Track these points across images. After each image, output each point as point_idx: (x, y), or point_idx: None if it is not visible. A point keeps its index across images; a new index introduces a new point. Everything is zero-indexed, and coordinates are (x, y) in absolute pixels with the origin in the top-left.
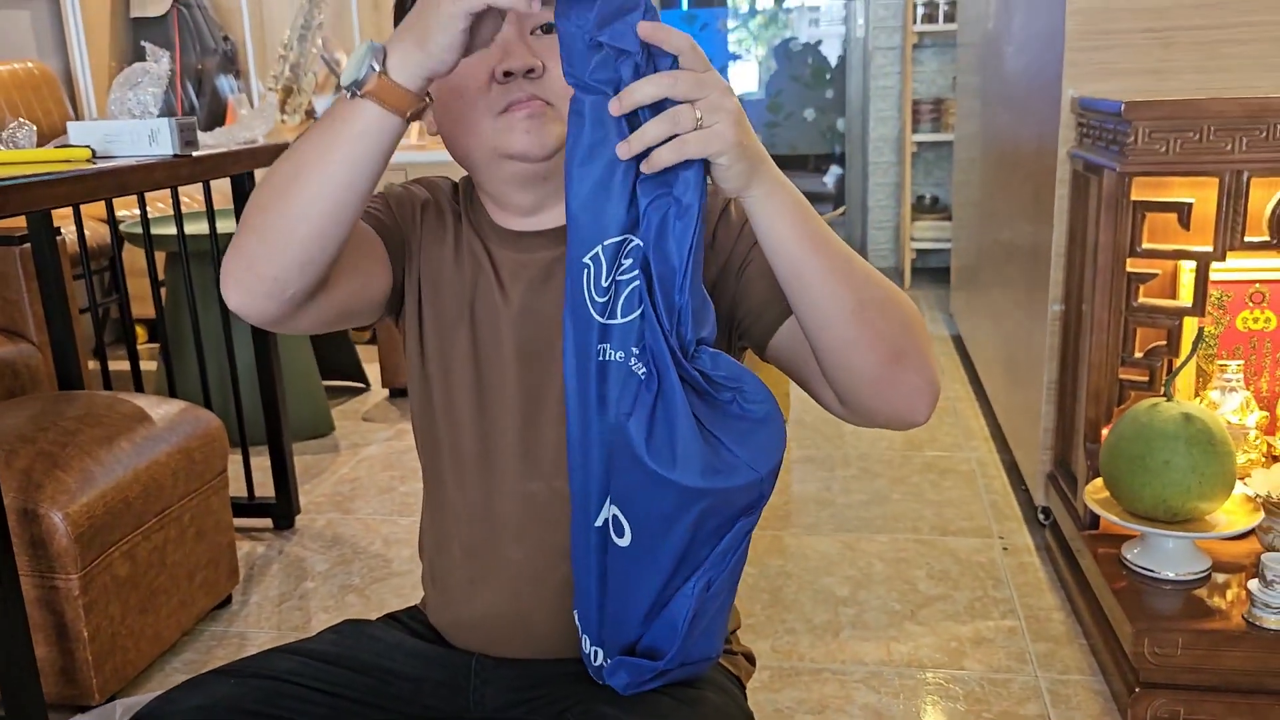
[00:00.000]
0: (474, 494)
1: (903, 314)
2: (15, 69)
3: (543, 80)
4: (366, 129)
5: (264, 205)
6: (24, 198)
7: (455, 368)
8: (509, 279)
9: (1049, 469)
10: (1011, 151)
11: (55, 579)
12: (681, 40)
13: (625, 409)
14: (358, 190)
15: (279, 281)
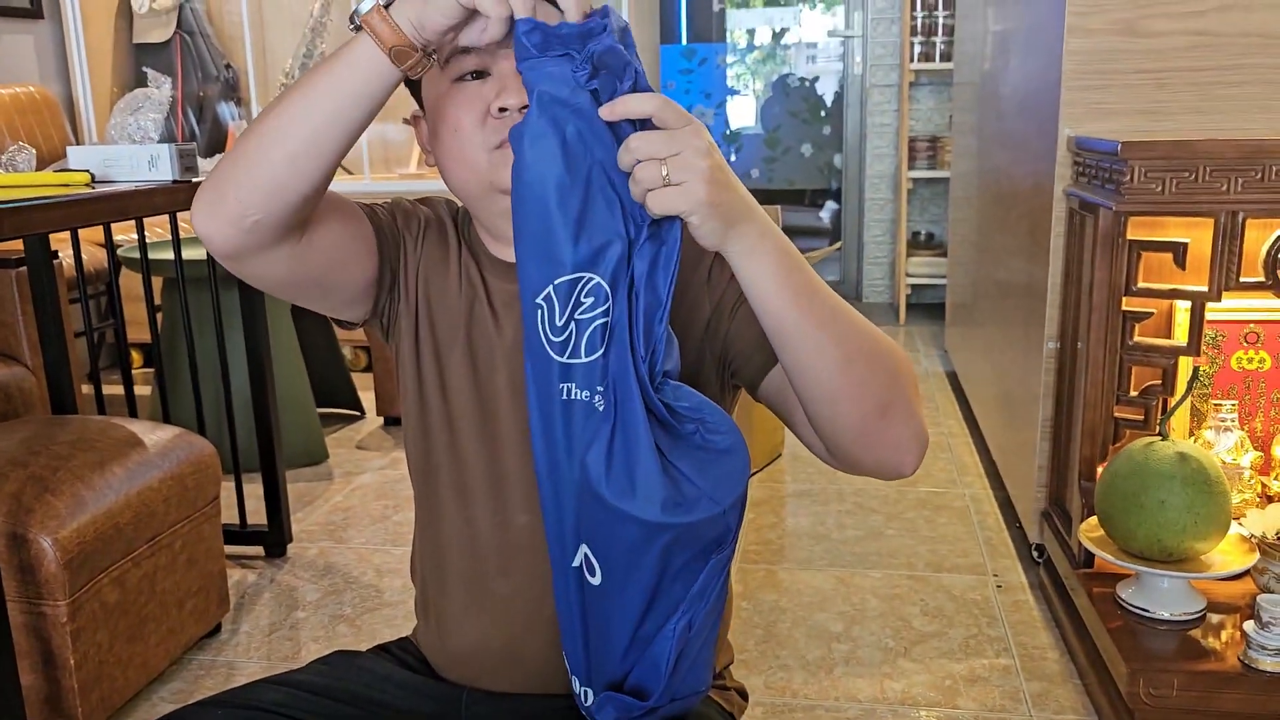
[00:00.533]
0: (467, 523)
1: (891, 367)
2: (17, 93)
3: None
4: (355, 61)
5: (250, 131)
6: (21, 221)
7: (451, 394)
8: (502, 310)
9: (1043, 506)
10: (1007, 189)
11: (43, 605)
12: (647, 104)
13: (585, 442)
14: (338, 125)
15: (243, 204)
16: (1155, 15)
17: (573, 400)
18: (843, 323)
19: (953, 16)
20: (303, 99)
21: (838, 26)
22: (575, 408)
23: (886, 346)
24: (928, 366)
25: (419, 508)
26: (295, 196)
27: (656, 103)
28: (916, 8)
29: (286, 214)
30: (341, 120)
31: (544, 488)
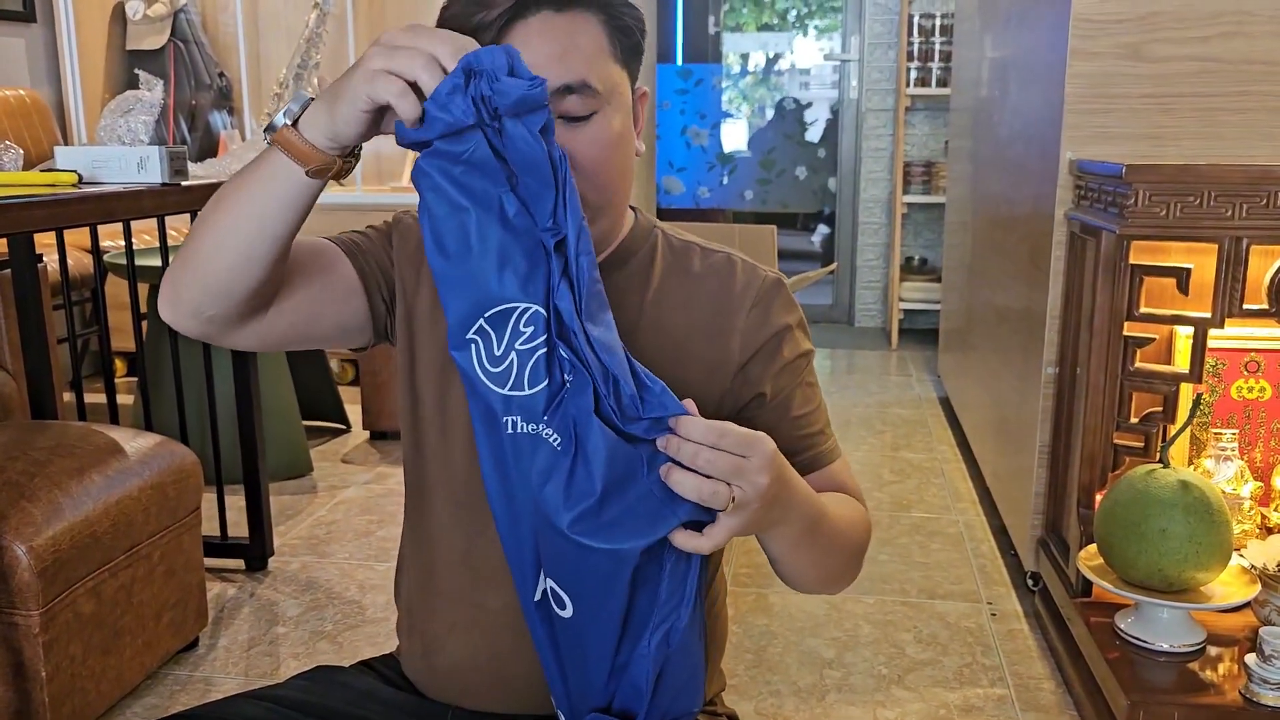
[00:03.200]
0: (459, 539)
1: (854, 564)
2: (7, 95)
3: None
4: (274, 174)
5: (193, 234)
6: (5, 219)
7: (450, 413)
8: None
9: (1040, 534)
10: (1006, 214)
11: (15, 615)
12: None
13: (541, 475)
14: (269, 234)
15: (197, 304)
16: (1160, 40)
17: (519, 434)
18: (832, 558)
19: (949, 43)
20: (232, 213)
21: (834, 50)
22: (522, 441)
23: (857, 551)
24: (920, 392)
25: (410, 521)
26: (243, 293)
27: (715, 433)
28: (913, 34)
29: (239, 307)
30: (271, 228)
31: (500, 521)
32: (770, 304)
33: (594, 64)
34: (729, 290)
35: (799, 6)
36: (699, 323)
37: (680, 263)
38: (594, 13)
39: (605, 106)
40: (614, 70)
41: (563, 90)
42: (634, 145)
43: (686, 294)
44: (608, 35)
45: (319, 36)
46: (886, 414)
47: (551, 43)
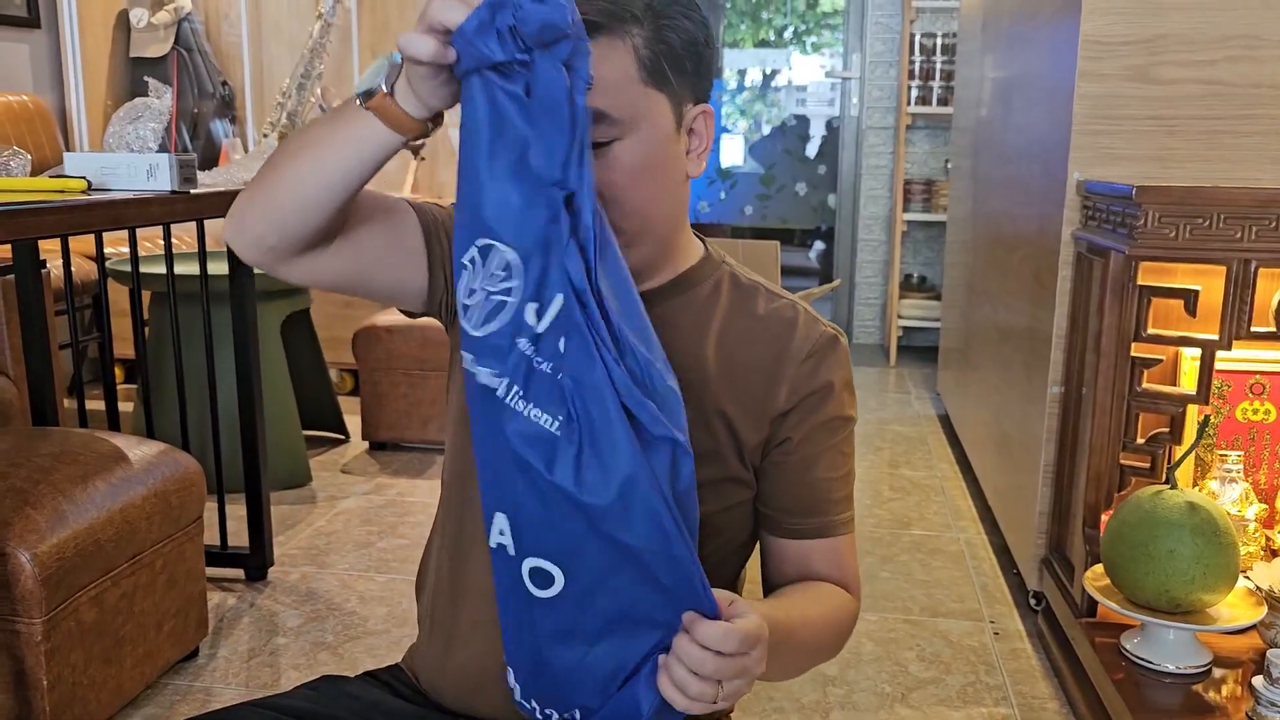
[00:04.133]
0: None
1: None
2: (10, 101)
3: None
4: (362, 137)
5: (268, 172)
6: (15, 225)
7: None
8: None
9: (1043, 553)
10: (1009, 233)
11: (17, 622)
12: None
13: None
14: (344, 185)
15: (260, 235)
16: (1167, 63)
17: (470, 373)
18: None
19: (950, 62)
20: (313, 162)
21: (835, 68)
22: (472, 383)
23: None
24: (919, 409)
25: (443, 518)
26: (306, 231)
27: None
28: (915, 52)
29: (299, 243)
30: (347, 181)
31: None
32: (824, 359)
33: (613, 92)
34: (789, 337)
35: (796, 23)
36: (756, 364)
37: (746, 302)
38: (626, 38)
39: (630, 134)
40: (642, 95)
41: None
42: (672, 170)
43: (750, 333)
44: (638, 60)
45: (322, 46)
46: (885, 431)
47: None
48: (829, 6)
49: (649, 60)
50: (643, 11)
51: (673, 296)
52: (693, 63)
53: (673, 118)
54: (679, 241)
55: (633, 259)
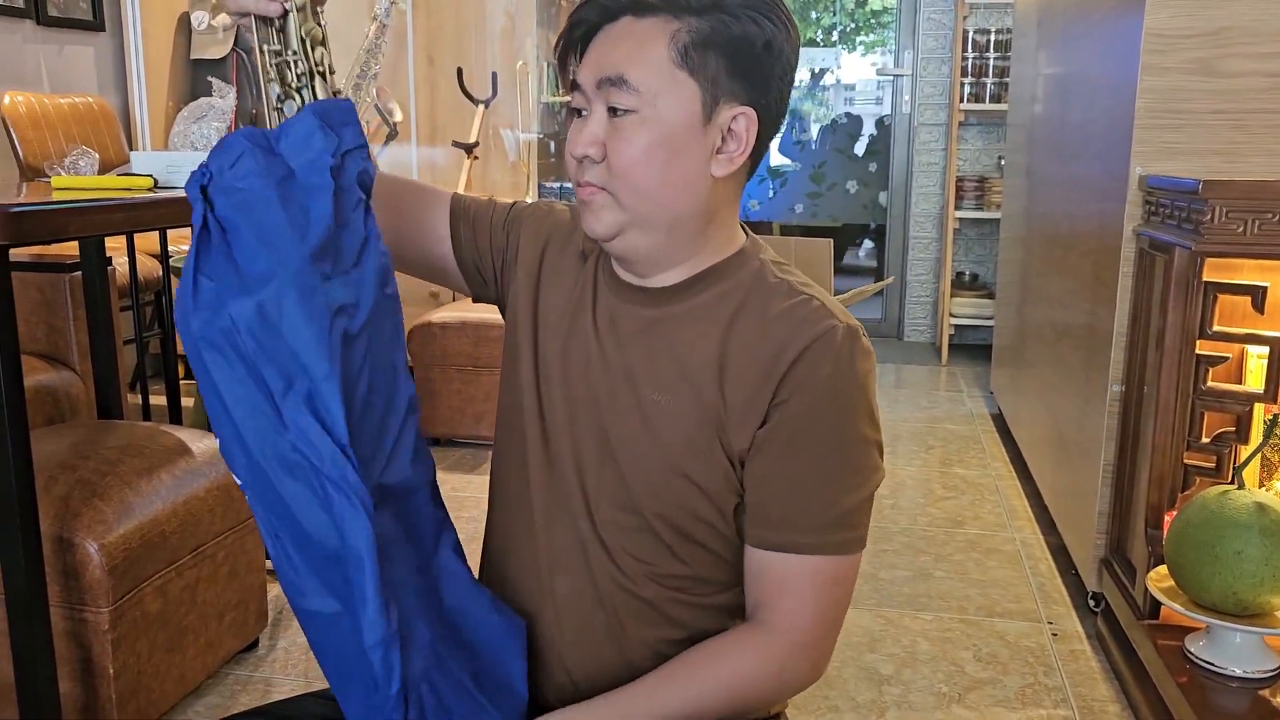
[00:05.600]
0: (536, 520)
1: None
2: (76, 102)
3: (599, 166)
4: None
5: None
6: (85, 221)
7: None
8: (603, 325)
9: (1103, 554)
10: (1067, 230)
11: (85, 611)
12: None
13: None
14: None
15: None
16: (1232, 55)
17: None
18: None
19: (1004, 58)
20: None
21: (886, 65)
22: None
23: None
24: (971, 408)
25: (490, 513)
26: None
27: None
28: (968, 49)
29: None
30: None
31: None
32: (819, 355)
33: (641, 64)
34: (791, 335)
35: (845, 22)
36: (755, 364)
37: (764, 300)
38: (672, 19)
39: (649, 109)
40: (668, 74)
41: (603, 82)
42: (689, 160)
43: (756, 332)
44: (674, 41)
45: (378, 48)
46: (937, 429)
47: (615, 42)
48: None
49: (687, 45)
50: (709, 2)
51: (687, 293)
52: (745, 63)
53: (700, 108)
54: (701, 240)
55: (638, 241)
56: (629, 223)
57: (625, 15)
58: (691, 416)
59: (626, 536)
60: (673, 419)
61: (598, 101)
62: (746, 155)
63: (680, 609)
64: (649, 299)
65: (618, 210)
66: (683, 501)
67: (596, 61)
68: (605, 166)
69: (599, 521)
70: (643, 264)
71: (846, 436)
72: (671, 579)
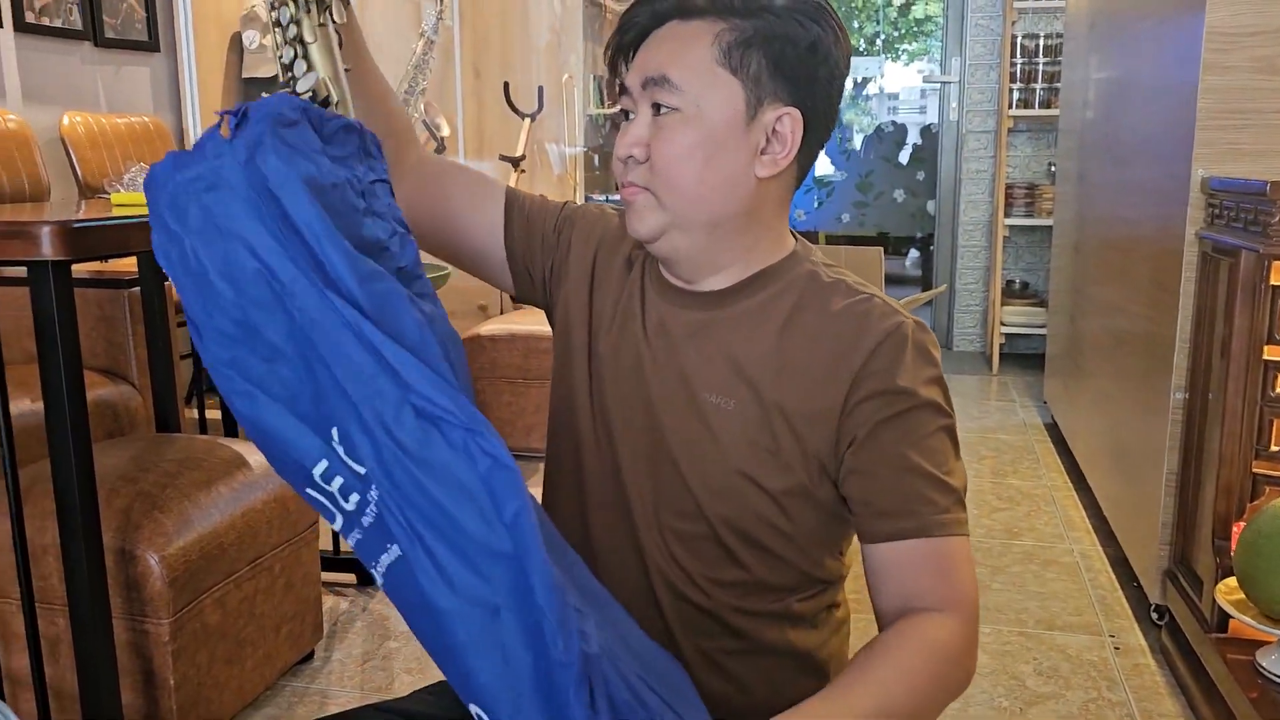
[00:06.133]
0: (590, 526)
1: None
2: (133, 122)
3: (643, 166)
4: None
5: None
6: (144, 236)
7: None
8: (653, 330)
9: (1167, 565)
10: (1123, 235)
11: (146, 623)
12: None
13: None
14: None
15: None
16: None
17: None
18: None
19: (1053, 63)
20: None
21: (933, 72)
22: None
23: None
24: (1024, 418)
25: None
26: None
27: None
28: (1016, 54)
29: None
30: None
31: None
32: (893, 350)
33: (684, 64)
34: (857, 332)
35: (888, 31)
36: (819, 361)
37: (821, 298)
38: (717, 20)
39: (691, 108)
40: (710, 73)
41: (647, 82)
42: (730, 160)
43: (817, 330)
44: (718, 41)
45: (425, 63)
46: (989, 440)
47: (660, 44)
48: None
49: (729, 45)
50: (756, 5)
51: (738, 296)
52: (789, 64)
53: (743, 107)
54: (748, 243)
55: (679, 242)
56: (671, 223)
57: (672, 19)
58: (752, 417)
59: (686, 543)
60: (733, 421)
61: (643, 102)
62: (791, 157)
63: (738, 617)
64: (698, 302)
65: (660, 210)
66: (746, 503)
67: (642, 63)
68: (648, 166)
69: (657, 527)
70: (687, 266)
71: (929, 424)
72: (731, 586)
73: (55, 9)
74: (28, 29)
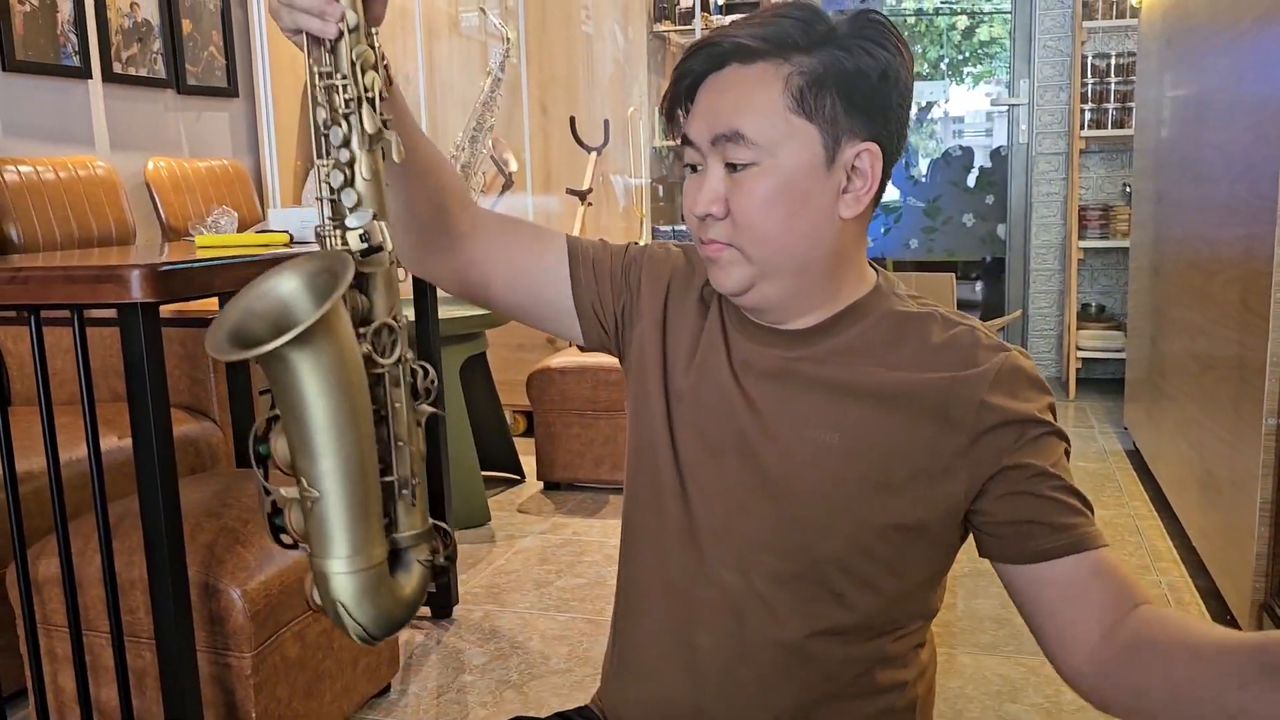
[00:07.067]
0: (673, 570)
1: None
2: (213, 165)
3: (723, 222)
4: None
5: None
6: (227, 277)
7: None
8: (740, 368)
9: (1262, 598)
10: (1207, 256)
11: (229, 656)
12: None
13: None
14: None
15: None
16: None
17: None
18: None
19: (1125, 83)
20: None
21: (1001, 95)
22: None
23: None
24: (1104, 444)
25: (622, 553)
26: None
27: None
28: (1087, 74)
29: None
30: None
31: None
32: (1013, 382)
33: (755, 114)
34: (968, 363)
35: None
36: (933, 393)
37: (920, 330)
38: (782, 65)
39: (768, 159)
40: (784, 122)
41: (719, 139)
42: (814, 205)
43: (922, 362)
44: (788, 88)
45: (492, 100)
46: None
47: (723, 91)
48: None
49: (801, 89)
50: (817, 37)
51: (828, 334)
52: (863, 98)
53: (822, 151)
54: (835, 282)
55: (770, 292)
56: (759, 275)
57: (731, 62)
58: (857, 451)
59: (785, 584)
60: (838, 456)
61: (713, 157)
62: (874, 192)
63: (834, 661)
64: (786, 341)
65: (746, 264)
66: (856, 539)
67: (707, 114)
68: (729, 222)
69: (751, 569)
70: (776, 312)
71: (1062, 447)
72: (832, 628)
73: (141, 59)
74: (115, 79)
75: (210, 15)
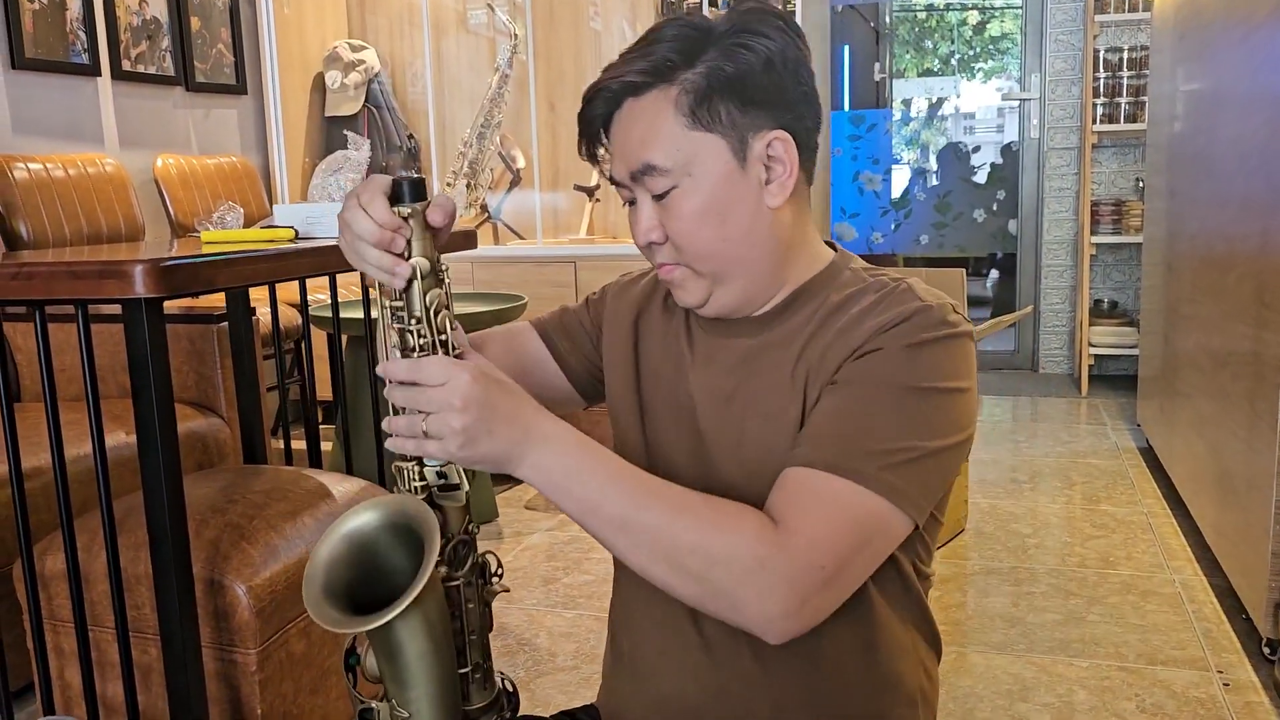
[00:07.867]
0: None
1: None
2: (222, 163)
3: (665, 246)
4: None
5: None
6: (232, 273)
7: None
8: (703, 363)
9: (1279, 596)
10: (1222, 252)
11: (234, 653)
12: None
13: None
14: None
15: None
16: None
17: None
18: (634, 532)
19: (1138, 77)
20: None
21: (1013, 90)
22: None
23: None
24: (1117, 441)
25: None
26: None
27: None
28: (1099, 69)
29: None
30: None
31: None
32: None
33: (659, 144)
34: (879, 315)
35: (963, 50)
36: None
37: (856, 299)
38: (668, 88)
39: (684, 179)
40: (687, 140)
41: (636, 175)
42: (742, 207)
43: (852, 323)
44: (679, 107)
45: (500, 97)
46: (1080, 465)
47: (627, 130)
48: (997, 30)
49: (692, 107)
50: (695, 50)
51: (781, 317)
52: (754, 92)
53: (731, 156)
54: (787, 267)
55: (727, 298)
56: (712, 284)
57: (626, 99)
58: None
59: None
60: (786, 429)
61: (639, 190)
62: (795, 173)
63: (836, 651)
64: (744, 329)
65: (698, 279)
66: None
67: (620, 154)
68: (670, 245)
69: None
70: (740, 311)
71: (912, 383)
72: None
73: (150, 56)
74: (124, 76)
75: (219, 13)
